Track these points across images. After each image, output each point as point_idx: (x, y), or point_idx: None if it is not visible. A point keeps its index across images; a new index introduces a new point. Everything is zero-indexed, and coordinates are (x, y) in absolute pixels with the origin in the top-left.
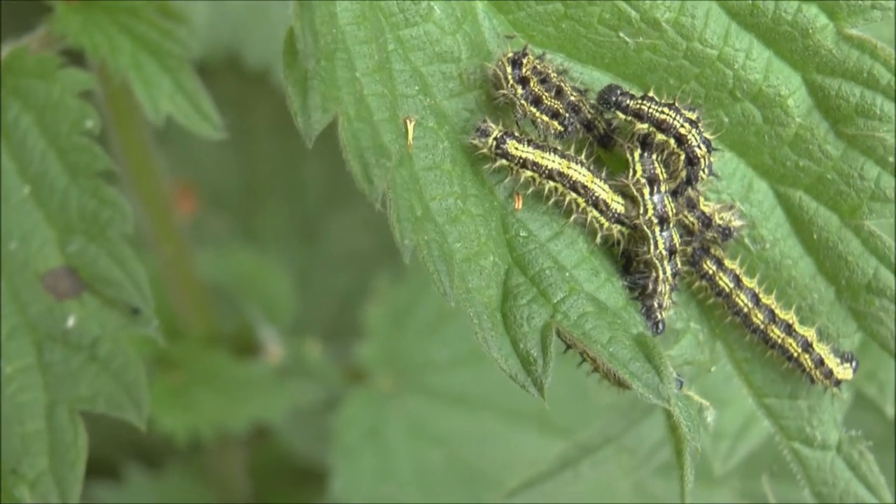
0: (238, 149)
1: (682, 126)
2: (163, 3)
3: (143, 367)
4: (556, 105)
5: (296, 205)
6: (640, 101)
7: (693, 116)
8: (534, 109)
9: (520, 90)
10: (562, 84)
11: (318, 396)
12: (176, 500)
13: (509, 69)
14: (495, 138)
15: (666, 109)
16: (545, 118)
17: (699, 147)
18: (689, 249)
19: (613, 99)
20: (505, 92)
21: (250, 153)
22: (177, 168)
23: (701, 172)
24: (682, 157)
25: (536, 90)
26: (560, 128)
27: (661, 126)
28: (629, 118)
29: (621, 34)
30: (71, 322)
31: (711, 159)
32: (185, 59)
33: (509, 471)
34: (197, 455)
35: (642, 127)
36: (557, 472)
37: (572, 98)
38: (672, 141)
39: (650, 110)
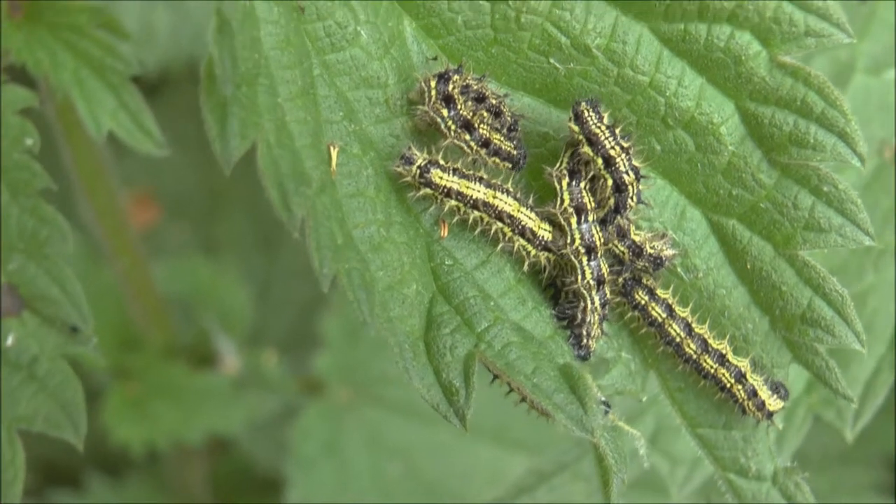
0: (198, 158)
1: (612, 148)
2: (107, 19)
3: (80, 387)
4: (506, 146)
5: (256, 215)
6: (587, 109)
7: (627, 145)
8: (483, 151)
9: (466, 136)
10: (501, 108)
11: (275, 408)
12: None
13: (446, 113)
14: (419, 167)
15: (603, 127)
16: (496, 160)
17: (627, 174)
18: (621, 279)
19: (584, 100)
20: (450, 140)
21: (211, 162)
22: (137, 178)
23: (629, 200)
24: (610, 183)
25: (484, 132)
26: (510, 165)
27: (591, 139)
28: (570, 115)
29: (552, 60)
30: (10, 340)
31: (640, 187)
32: (128, 75)
33: (466, 483)
34: (157, 464)
35: (574, 129)
36: (514, 498)
37: (509, 119)
38: (599, 161)
39: (588, 118)
